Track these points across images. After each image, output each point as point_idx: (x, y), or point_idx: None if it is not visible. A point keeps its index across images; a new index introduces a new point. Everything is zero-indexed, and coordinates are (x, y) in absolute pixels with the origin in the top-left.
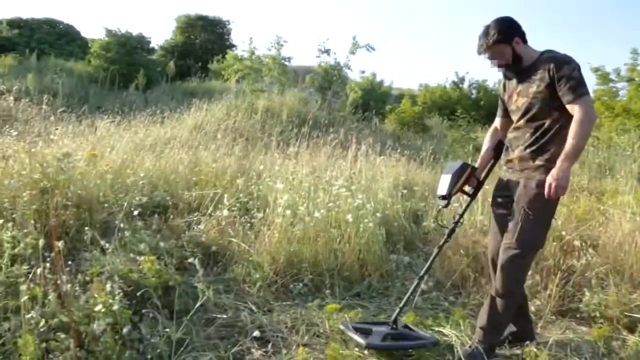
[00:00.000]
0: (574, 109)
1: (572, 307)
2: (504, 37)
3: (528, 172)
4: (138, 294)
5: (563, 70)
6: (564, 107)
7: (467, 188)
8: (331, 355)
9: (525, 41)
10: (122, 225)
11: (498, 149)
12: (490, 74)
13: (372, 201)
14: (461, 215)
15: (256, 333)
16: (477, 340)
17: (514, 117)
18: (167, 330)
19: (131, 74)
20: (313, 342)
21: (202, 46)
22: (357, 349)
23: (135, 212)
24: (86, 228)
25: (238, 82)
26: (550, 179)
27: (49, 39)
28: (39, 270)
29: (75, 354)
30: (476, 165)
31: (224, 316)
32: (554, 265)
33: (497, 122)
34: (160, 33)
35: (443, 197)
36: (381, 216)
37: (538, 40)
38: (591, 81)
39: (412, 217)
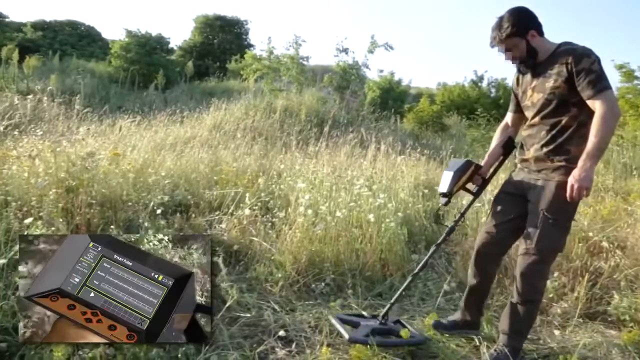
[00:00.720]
0: (595, 105)
1: (599, 310)
2: (518, 30)
3: (546, 172)
4: None
5: (582, 63)
6: (584, 103)
7: (471, 186)
8: (356, 356)
9: (541, 33)
10: (145, 224)
11: (507, 146)
12: (509, 73)
13: (394, 201)
14: (462, 214)
15: (281, 332)
16: (502, 344)
17: (528, 114)
18: None
19: (151, 74)
20: (336, 342)
21: (220, 46)
22: (378, 349)
23: (158, 211)
24: (111, 227)
25: (256, 81)
26: (572, 179)
27: (71, 40)
28: None
29: (105, 351)
30: (483, 162)
31: (248, 315)
32: (581, 267)
33: (508, 117)
34: (179, 33)
35: (444, 195)
36: (402, 216)
37: (550, 37)
38: (615, 78)
39: (433, 217)
